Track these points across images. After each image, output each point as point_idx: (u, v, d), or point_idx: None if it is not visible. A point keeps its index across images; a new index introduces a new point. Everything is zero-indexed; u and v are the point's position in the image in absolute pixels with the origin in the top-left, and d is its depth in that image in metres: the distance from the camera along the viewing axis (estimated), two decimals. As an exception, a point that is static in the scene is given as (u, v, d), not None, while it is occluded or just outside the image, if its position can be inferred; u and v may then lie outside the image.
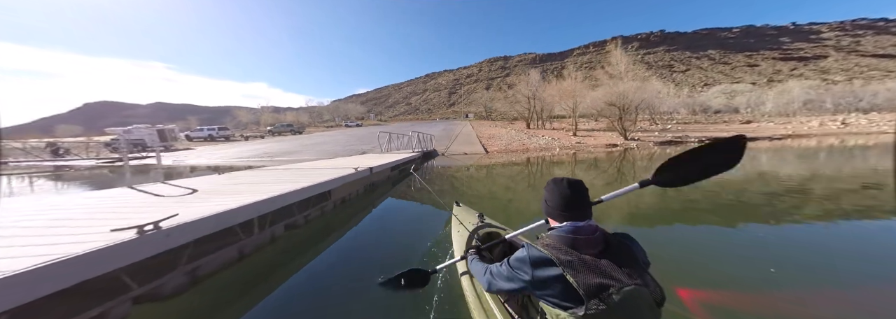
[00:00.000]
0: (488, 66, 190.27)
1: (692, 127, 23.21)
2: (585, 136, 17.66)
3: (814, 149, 11.24)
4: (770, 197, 4.35)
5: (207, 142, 23.08)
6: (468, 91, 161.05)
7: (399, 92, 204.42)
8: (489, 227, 1.94)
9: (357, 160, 6.74)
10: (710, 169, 0.92)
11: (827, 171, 6.71)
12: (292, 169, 5.20)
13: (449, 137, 19.55)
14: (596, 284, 0.64)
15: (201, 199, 2.56)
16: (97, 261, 1.36)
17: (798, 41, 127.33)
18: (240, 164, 10.70)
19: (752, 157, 9.13)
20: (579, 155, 11.60)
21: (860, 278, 2.03)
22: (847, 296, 1.85)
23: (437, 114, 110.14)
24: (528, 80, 26.80)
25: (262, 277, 2.22)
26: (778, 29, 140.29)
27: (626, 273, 0.68)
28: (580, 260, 0.69)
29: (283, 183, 3.33)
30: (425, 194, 4.83)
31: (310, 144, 16.91)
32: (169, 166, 11.44)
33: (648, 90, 16.33)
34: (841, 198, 4.28)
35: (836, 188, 5.01)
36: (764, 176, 6.03)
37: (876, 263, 2.30)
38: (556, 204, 0.80)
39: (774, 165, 7.85)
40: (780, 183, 5.42)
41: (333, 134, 26.74)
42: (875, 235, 2.94)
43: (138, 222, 1.59)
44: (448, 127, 30.68)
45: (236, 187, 3.21)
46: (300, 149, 14.44)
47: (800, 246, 2.67)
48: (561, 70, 43.85)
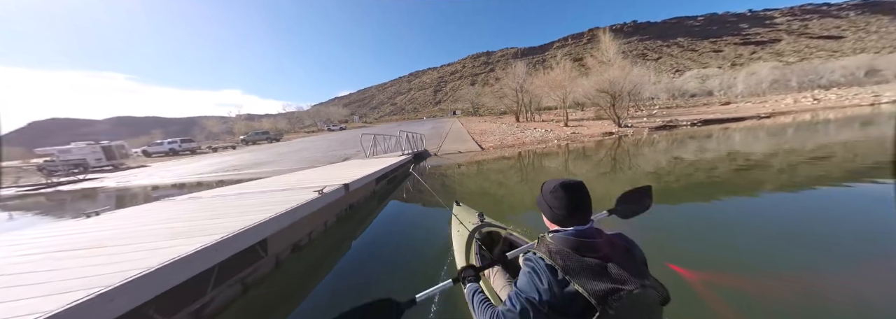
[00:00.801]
0: (472, 62, 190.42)
1: (677, 111, 23.61)
2: (577, 126, 17.27)
3: (792, 125, 11.89)
4: (737, 173, 4.71)
5: (169, 157, 20.72)
6: (454, 88, 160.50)
7: (383, 92, 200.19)
8: (489, 227, 1.88)
9: (333, 172, 5.43)
10: (639, 209, 1.33)
11: (794, 145, 7.13)
12: (226, 195, 3.50)
13: (439, 135, 18.61)
14: (605, 290, 0.64)
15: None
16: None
17: (755, 27, 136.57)
18: (191, 181, 9.22)
19: (727, 137, 9.90)
20: (576, 145, 11.40)
21: (821, 246, 2.17)
22: (804, 267, 1.91)
23: (424, 113, 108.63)
24: (515, 73, 26.29)
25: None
26: (737, 16, 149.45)
27: (632, 276, 0.67)
28: (587, 266, 0.68)
29: (170, 239, 1.86)
30: (425, 194, 4.72)
31: (287, 152, 15.40)
32: (109, 189, 9.61)
33: (638, 75, 16.15)
34: (799, 170, 4.71)
35: (794, 160, 5.44)
36: (733, 154, 6.42)
37: (831, 226, 2.51)
38: (561, 210, 0.77)
39: (749, 144, 8.31)
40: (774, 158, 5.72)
41: (315, 139, 25.01)
42: (827, 203, 3.24)
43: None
44: (437, 125, 29.74)
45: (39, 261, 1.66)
46: (274, 159, 12.97)
47: (760, 217, 2.91)
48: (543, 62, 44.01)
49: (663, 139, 11.19)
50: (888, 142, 6.49)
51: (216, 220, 2.26)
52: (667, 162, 6.35)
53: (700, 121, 15.08)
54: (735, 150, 7.08)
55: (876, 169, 4.34)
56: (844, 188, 3.54)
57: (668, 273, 1.78)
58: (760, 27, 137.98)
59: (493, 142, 14.12)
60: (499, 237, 1.75)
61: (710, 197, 3.49)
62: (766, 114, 16.38)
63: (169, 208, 3.01)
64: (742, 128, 12.64)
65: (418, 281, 1.91)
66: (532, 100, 26.92)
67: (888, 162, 4.58)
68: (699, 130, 12.87)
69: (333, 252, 2.84)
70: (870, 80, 30.96)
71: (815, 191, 3.55)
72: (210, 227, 2.04)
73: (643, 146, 9.78)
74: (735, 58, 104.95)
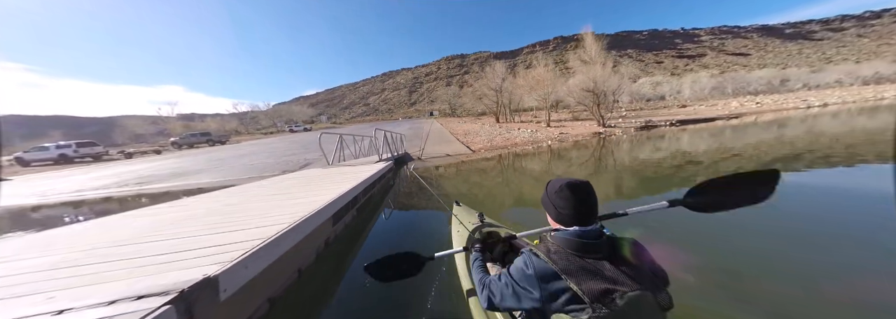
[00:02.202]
0: (447, 64, 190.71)
1: (643, 113, 24.91)
2: (559, 127, 16.88)
3: (761, 124, 12.49)
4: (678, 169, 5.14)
5: (59, 166, 15.54)
6: (429, 89, 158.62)
7: (355, 92, 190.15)
8: (489, 227, 1.92)
9: (273, 198, 3.67)
10: (741, 201, 0.90)
11: (792, 138, 7.84)
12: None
13: (419, 136, 16.82)
14: (600, 290, 0.63)
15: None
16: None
17: (687, 43, 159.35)
18: (53, 201, 5.82)
19: (677, 138, 10.03)
20: (574, 144, 11.07)
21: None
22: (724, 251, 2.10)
23: (399, 114, 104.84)
24: (494, 72, 25.63)
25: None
26: (673, 32, 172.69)
27: (631, 278, 0.66)
28: (584, 265, 0.68)
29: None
30: (425, 194, 4.59)
31: (228, 158, 12.26)
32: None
33: (622, 75, 16.20)
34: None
35: (724, 157, 5.90)
36: (680, 152, 7.04)
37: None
38: (566, 210, 0.76)
39: (696, 143, 8.72)
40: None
41: (271, 141, 21.28)
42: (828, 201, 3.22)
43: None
44: (414, 125, 27.82)
45: None
46: (207, 166, 9.97)
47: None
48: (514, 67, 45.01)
49: (656, 137, 11.06)
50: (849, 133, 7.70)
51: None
52: (690, 155, 6.58)
53: (677, 122, 15.54)
54: (752, 143, 7.51)
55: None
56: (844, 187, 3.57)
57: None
58: (691, 43, 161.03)
59: (481, 143, 12.80)
60: (499, 237, 1.68)
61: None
62: (733, 115, 17.58)
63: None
64: (721, 126, 13.13)
65: (418, 280, 1.57)
66: (512, 101, 26.55)
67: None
68: (681, 129, 13.08)
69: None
70: (783, 88, 37.26)
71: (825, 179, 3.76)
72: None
73: (642, 143, 9.73)
74: (673, 69, 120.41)
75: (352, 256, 2.68)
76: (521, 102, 27.23)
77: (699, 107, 25.91)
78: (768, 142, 7.38)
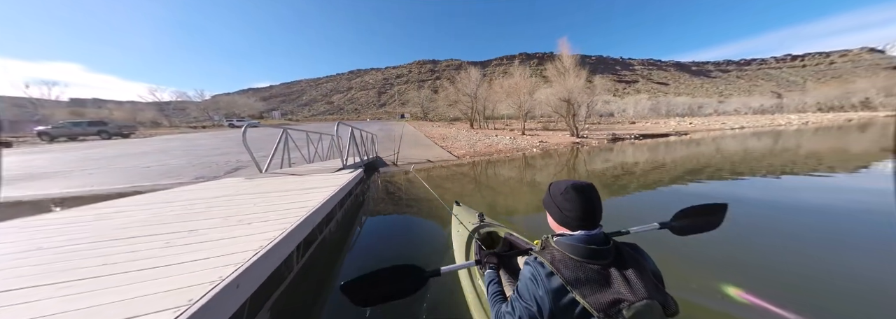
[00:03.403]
0: (418, 68, 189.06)
1: (601, 127, 27.08)
2: (533, 136, 16.88)
3: (708, 139, 14.22)
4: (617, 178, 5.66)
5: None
6: (400, 91, 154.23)
7: (317, 88, 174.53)
8: (489, 227, 1.88)
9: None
10: (705, 226, 1.16)
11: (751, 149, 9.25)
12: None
13: (391, 138, 15.03)
14: (608, 301, 0.62)
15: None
16: None
17: (624, 70, 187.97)
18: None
19: (621, 151, 10.96)
20: (570, 151, 11.11)
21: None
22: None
23: (367, 115, 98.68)
24: (470, 78, 25.25)
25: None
26: (614, 60, 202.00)
27: (638, 287, 0.64)
28: (590, 275, 0.66)
29: None
30: (425, 194, 4.43)
31: (116, 156, 8.74)
32: None
33: (594, 88, 16.91)
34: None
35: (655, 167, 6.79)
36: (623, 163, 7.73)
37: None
38: (573, 213, 0.73)
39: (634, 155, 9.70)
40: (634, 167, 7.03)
41: (199, 137, 16.78)
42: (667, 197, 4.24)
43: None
44: (384, 127, 25.60)
45: None
46: (78, 168, 6.74)
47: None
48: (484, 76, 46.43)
49: (632, 148, 11.50)
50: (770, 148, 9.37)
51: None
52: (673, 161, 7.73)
53: (640, 135, 16.69)
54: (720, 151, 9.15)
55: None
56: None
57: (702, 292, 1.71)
58: (627, 71, 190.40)
59: (463, 148, 11.68)
60: (499, 237, 1.72)
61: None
62: (682, 132, 19.70)
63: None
64: (674, 141, 14.34)
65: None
66: (486, 107, 26.41)
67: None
68: (642, 142, 13.96)
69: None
70: (700, 113, 45.64)
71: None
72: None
73: (623, 151, 10.38)
74: (614, 92, 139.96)
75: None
76: (495, 109, 27.29)
77: (646, 124, 29.29)
78: (707, 155, 8.82)
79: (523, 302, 0.69)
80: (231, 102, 57.27)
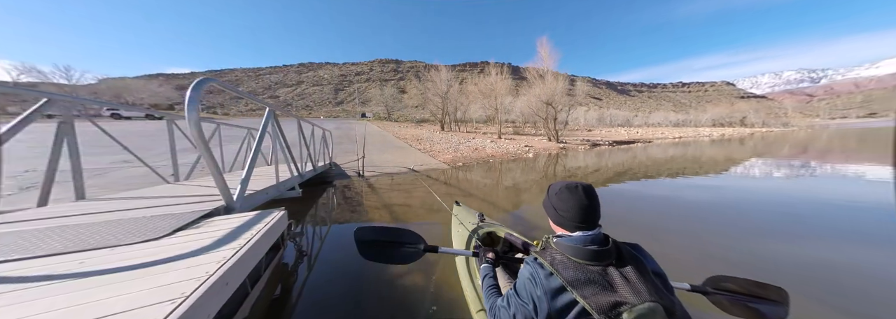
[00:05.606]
0: (380, 67, 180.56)
1: (567, 133, 28.27)
2: (510, 140, 15.92)
3: (670, 144, 15.21)
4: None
5: None
6: (360, 89, 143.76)
7: (257, 80, 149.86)
8: (489, 227, 1.86)
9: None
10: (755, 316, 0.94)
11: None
12: None
13: (351, 138, 12.08)
14: (609, 303, 0.61)
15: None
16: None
17: (569, 85, 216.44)
18: None
19: (615, 154, 11.24)
20: (568, 155, 10.46)
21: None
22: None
23: (322, 113, 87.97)
24: (440, 78, 23.48)
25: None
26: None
27: (640, 289, 0.63)
28: (591, 276, 0.65)
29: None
30: (425, 194, 4.37)
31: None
32: None
33: (575, 93, 16.72)
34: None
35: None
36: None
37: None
38: (571, 214, 0.72)
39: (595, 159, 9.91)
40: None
41: (46, 126, 10.78)
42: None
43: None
44: (342, 125, 21.83)
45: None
46: None
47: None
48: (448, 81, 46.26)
49: (617, 152, 11.46)
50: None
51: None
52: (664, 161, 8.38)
53: (614, 142, 17.07)
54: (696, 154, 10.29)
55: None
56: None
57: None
58: (571, 85, 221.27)
59: (446, 152, 9.58)
60: (498, 237, 1.72)
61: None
62: (647, 139, 21.13)
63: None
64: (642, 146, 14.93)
65: (418, 278, 1.88)
66: (458, 109, 24.98)
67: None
68: (618, 147, 14.15)
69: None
70: (632, 124, 53.88)
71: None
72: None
73: (614, 153, 10.88)
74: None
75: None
76: (466, 112, 26.05)
77: (601, 131, 31.80)
78: (704, 155, 9.69)
79: (520, 300, 0.69)
80: (126, 87, 43.61)
